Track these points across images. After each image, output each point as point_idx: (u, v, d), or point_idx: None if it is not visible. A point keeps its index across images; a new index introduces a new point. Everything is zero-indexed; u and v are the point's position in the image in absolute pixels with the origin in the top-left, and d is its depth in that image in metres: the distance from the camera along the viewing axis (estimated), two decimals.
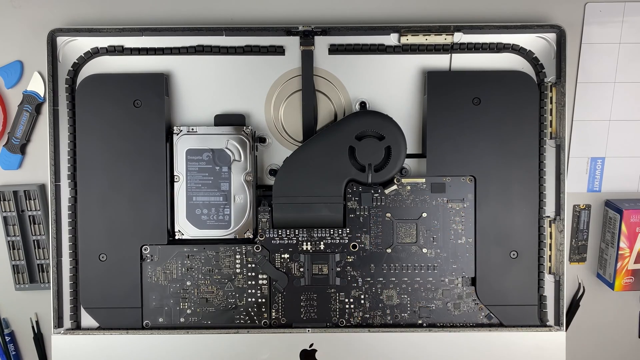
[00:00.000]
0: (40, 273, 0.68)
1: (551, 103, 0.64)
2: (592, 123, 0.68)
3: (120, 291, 0.64)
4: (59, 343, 0.63)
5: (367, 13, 0.66)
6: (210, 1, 0.66)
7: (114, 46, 0.63)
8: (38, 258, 0.68)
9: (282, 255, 0.64)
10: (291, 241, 0.64)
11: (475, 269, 0.64)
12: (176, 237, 0.63)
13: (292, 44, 0.64)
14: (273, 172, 0.65)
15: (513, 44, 0.63)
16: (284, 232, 0.64)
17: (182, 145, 0.63)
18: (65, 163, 0.64)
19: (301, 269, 0.64)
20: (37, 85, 0.66)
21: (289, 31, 0.63)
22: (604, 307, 0.71)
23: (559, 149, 0.64)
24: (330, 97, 0.65)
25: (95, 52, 0.64)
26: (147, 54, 0.64)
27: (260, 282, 0.64)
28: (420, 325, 0.64)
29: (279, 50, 0.64)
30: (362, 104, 0.65)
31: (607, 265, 0.69)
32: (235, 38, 0.63)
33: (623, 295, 0.70)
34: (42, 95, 0.66)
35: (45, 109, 0.65)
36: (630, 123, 0.68)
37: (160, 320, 0.64)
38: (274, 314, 0.64)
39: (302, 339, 0.63)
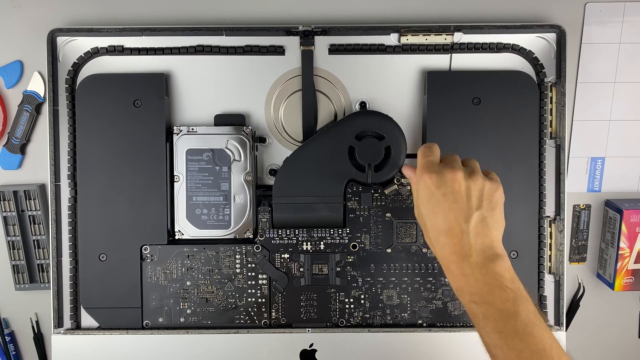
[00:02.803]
0: (40, 273, 0.68)
1: (551, 103, 0.64)
2: (592, 123, 0.68)
3: (120, 291, 0.64)
4: (59, 343, 0.63)
5: (367, 13, 0.66)
6: (210, 1, 0.66)
7: (114, 46, 0.63)
8: (38, 258, 0.68)
9: (282, 255, 0.64)
10: (291, 241, 0.64)
11: None
12: (176, 237, 0.63)
13: (292, 44, 0.64)
14: (273, 172, 0.65)
15: (513, 44, 0.63)
16: (284, 232, 0.64)
17: (182, 145, 0.63)
18: (65, 163, 0.64)
19: (301, 269, 0.64)
20: (37, 85, 0.66)
21: (289, 31, 0.63)
22: (604, 307, 0.71)
23: (559, 149, 0.64)
24: (330, 97, 0.65)
25: (95, 52, 0.64)
26: (147, 54, 0.64)
27: (260, 282, 0.64)
28: (420, 325, 0.64)
29: (279, 50, 0.64)
30: (362, 104, 0.65)
31: (607, 265, 0.69)
32: (235, 38, 0.63)
33: (623, 295, 0.70)
34: (42, 95, 0.66)
35: (45, 109, 0.65)
36: (630, 123, 0.68)
37: (160, 320, 0.64)
38: (274, 314, 0.64)
39: (302, 339, 0.63)
